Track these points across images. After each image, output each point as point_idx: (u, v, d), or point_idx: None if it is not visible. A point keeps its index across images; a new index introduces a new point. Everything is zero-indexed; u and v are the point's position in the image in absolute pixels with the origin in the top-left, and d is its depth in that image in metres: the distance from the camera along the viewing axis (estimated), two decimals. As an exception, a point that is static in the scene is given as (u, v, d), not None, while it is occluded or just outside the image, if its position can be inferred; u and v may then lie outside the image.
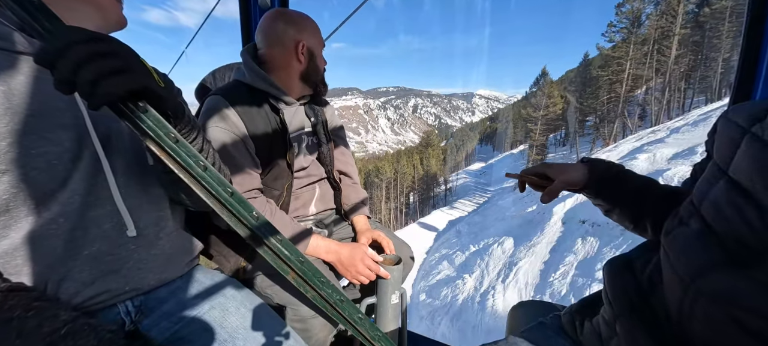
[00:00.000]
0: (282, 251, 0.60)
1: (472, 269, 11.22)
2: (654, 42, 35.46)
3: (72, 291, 0.58)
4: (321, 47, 1.13)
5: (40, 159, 0.54)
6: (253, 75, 1.03)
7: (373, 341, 0.71)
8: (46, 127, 0.55)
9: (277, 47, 1.05)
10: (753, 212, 0.41)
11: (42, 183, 0.55)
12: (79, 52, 0.40)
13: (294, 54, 1.05)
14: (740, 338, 0.39)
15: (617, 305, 0.53)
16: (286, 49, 1.04)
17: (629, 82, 36.77)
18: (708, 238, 0.45)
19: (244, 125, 0.98)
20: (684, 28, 34.81)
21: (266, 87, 1.03)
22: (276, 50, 1.05)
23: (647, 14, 36.18)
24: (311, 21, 1.10)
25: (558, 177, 0.69)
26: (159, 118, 0.48)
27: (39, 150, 0.54)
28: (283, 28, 1.04)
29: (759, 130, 0.45)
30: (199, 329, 0.68)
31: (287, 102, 1.08)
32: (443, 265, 13.59)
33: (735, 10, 33.03)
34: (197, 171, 0.52)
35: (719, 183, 0.48)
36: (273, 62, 1.06)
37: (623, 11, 38.13)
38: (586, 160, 0.73)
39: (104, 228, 0.62)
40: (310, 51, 1.08)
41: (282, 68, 1.06)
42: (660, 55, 35.96)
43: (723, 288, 0.41)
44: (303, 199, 1.18)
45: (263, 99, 1.04)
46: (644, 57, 36.31)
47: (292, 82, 1.09)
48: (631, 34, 36.86)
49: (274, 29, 1.04)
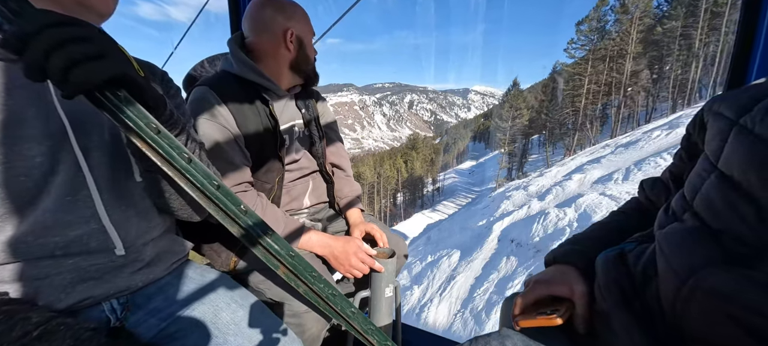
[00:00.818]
0: (272, 245, 0.59)
1: (422, 281, 11.29)
2: (609, 59, 36.89)
3: (52, 297, 0.55)
4: (311, 36, 1.10)
5: (6, 174, 0.50)
6: (240, 65, 1.00)
7: (366, 334, 0.70)
8: (14, 139, 0.50)
9: (265, 35, 1.02)
10: (748, 207, 0.40)
11: (9, 200, 0.50)
12: (51, 35, 0.38)
13: (283, 42, 1.02)
14: (736, 335, 0.39)
15: (610, 298, 0.52)
16: (275, 36, 1.02)
17: (589, 96, 38.43)
18: (703, 234, 0.45)
19: (232, 118, 0.95)
20: (638, 45, 36.28)
21: (255, 77, 1.00)
22: (264, 38, 1.02)
23: (606, 32, 37.59)
24: (300, 8, 1.07)
25: (570, 295, 0.59)
26: (139, 108, 0.46)
27: (4, 166, 0.49)
28: (272, 15, 1.01)
29: (748, 121, 0.44)
30: (189, 326, 0.67)
31: (277, 93, 1.06)
32: (403, 274, 13.66)
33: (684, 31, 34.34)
34: (181, 163, 0.50)
35: (711, 177, 0.47)
36: (261, 51, 1.03)
37: (582, 29, 39.49)
38: (554, 258, 0.67)
39: (90, 246, 0.58)
40: (299, 39, 1.05)
41: (270, 57, 1.04)
42: (616, 72, 37.45)
43: (720, 286, 0.40)
44: (295, 192, 1.16)
45: (252, 90, 1.01)
46: (600, 74, 37.88)
47: (282, 71, 1.06)
48: (589, 52, 38.68)
49: (262, 16, 1.01)
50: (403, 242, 1.26)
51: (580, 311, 0.56)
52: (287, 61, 1.06)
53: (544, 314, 0.55)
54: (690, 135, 0.61)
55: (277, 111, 1.05)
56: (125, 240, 0.62)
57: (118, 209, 0.62)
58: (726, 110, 0.50)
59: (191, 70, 1.22)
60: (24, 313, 0.47)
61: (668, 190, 0.66)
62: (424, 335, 1.49)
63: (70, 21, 0.40)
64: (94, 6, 0.56)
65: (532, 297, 0.62)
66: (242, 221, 0.56)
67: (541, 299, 0.62)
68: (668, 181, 0.66)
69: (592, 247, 0.63)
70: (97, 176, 0.59)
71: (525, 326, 0.57)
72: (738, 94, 0.51)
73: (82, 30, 0.41)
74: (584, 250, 0.63)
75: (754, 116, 0.44)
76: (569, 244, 0.67)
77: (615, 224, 0.68)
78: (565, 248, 0.66)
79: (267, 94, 1.02)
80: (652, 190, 0.69)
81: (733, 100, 0.50)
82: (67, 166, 0.55)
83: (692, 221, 0.48)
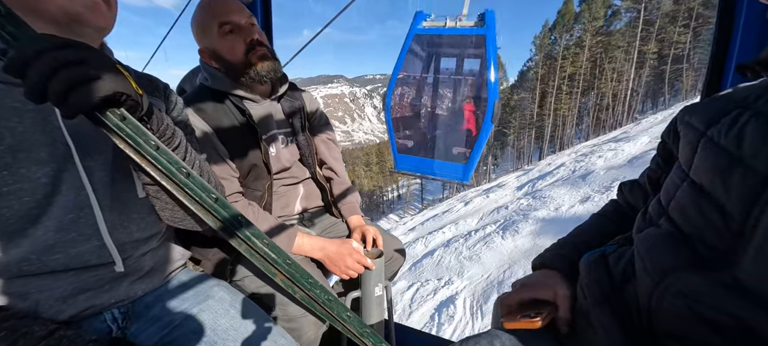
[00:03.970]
0: (269, 254, 0.60)
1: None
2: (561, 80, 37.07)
3: (54, 309, 0.56)
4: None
5: (12, 196, 0.51)
6: (212, 78, 1.01)
7: (362, 337, 0.73)
8: (21, 162, 0.51)
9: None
10: (715, 214, 0.44)
11: (12, 221, 0.51)
12: (50, 59, 0.39)
13: (211, 63, 1.01)
14: (703, 332, 0.42)
15: (591, 297, 0.56)
16: (206, 60, 1.02)
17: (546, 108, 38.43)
18: (676, 239, 0.48)
19: (213, 132, 0.96)
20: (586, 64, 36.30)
21: (226, 88, 1.00)
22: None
23: (556, 51, 37.65)
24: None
25: (553, 298, 0.61)
26: (138, 126, 0.47)
27: (11, 187, 0.50)
28: (195, 39, 1.02)
29: (714, 133, 0.47)
30: (188, 333, 0.68)
31: (254, 100, 1.05)
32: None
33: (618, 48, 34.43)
34: (180, 178, 0.51)
35: (683, 185, 0.50)
36: None
37: (536, 44, 39.53)
38: (541, 263, 0.69)
39: (90, 262, 0.59)
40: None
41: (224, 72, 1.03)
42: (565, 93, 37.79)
43: (689, 288, 0.43)
44: (287, 198, 1.17)
45: (228, 101, 1.01)
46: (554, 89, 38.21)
47: (242, 82, 1.02)
48: (537, 66, 38.75)
49: (195, 40, 1.02)
50: (398, 241, 1.28)
51: (562, 314, 0.60)
52: (227, 74, 1.01)
53: (528, 316, 0.59)
54: (665, 142, 0.65)
55: (257, 118, 1.04)
56: (124, 254, 0.63)
57: (120, 226, 0.63)
58: (696, 121, 0.53)
59: (180, 82, 1.21)
60: (27, 327, 0.48)
61: (646, 193, 0.69)
62: (416, 333, 1.53)
63: (68, 44, 0.41)
64: (89, 22, 0.56)
65: (517, 299, 0.66)
66: (240, 231, 0.57)
67: (527, 301, 0.65)
68: (646, 184, 0.70)
69: (575, 251, 0.67)
70: (99, 194, 0.59)
71: (509, 327, 0.60)
72: (707, 105, 0.54)
73: (80, 53, 0.41)
74: (567, 254, 0.67)
75: (720, 129, 0.47)
76: (554, 249, 0.70)
77: (596, 228, 0.72)
78: (551, 252, 0.70)
79: (242, 103, 1.01)
80: (630, 193, 0.73)
81: (703, 112, 0.53)
82: (70, 186, 0.56)
83: (667, 226, 0.51)
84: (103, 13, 0.57)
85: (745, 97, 0.49)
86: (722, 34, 0.97)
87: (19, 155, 0.51)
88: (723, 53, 0.98)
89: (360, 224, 1.19)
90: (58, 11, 0.52)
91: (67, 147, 0.56)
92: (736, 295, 0.40)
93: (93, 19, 0.56)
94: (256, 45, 0.97)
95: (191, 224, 0.73)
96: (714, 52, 1.00)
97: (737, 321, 0.40)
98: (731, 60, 0.96)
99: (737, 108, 0.48)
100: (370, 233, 1.15)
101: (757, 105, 0.46)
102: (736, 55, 0.94)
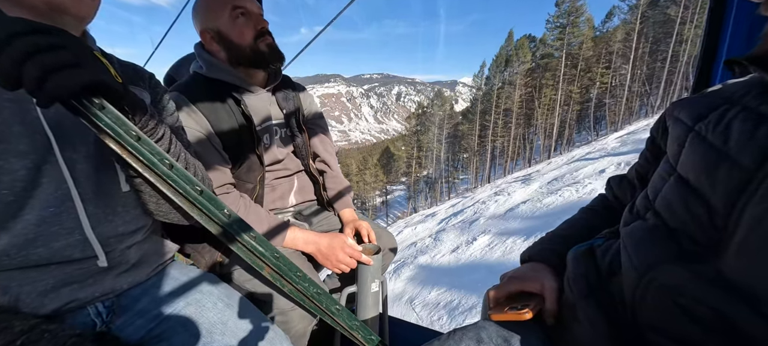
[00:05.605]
0: (256, 247, 0.60)
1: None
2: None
3: (36, 303, 0.55)
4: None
5: None
6: (208, 65, 0.99)
7: (352, 330, 0.73)
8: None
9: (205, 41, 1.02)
10: (700, 209, 0.44)
11: None
12: (23, 44, 0.37)
13: (213, 46, 1.00)
14: (684, 324, 0.43)
15: (577, 290, 0.56)
16: (206, 42, 1.01)
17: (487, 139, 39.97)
18: (662, 233, 0.48)
19: (206, 121, 0.95)
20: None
21: (223, 76, 0.99)
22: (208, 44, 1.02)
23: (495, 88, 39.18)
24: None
25: (541, 290, 0.61)
26: (118, 115, 0.46)
27: None
28: (195, 22, 1.01)
29: (702, 128, 0.48)
30: (175, 326, 0.68)
31: (249, 90, 1.04)
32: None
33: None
34: (162, 169, 0.50)
35: (670, 179, 0.50)
36: None
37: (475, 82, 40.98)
38: (529, 256, 0.69)
39: (73, 256, 0.58)
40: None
41: (223, 60, 1.02)
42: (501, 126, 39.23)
43: (672, 281, 0.44)
44: (279, 191, 1.16)
45: (223, 90, 0.99)
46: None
47: (239, 70, 1.02)
48: (479, 91, 40.64)
49: (194, 24, 1.01)
50: (392, 237, 1.28)
51: (549, 306, 0.60)
52: (229, 60, 1.01)
53: (515, 308, 0.59)
54: (654, 137, 0.65)
55: (251, 108, 1.03)
56: (108, 248, 0.62)
57: (104, 220, 0.62)
58: (684, 116, 0.53)
59: (170, 70, 1.19)
60: (7, 321, 0.47)
61: (634, 187, 0.70)
62: (410, 326, 1.54)
63: (43, 29, 0.40)
64: (68, 9, 0.54)
65: (505, 291, 0.66)
66: (226, 224, 0.57)
67: (514, 293, 0.65)
68: (634, 179, 0.70)
69: (563, 244, 0.67)
70: (81, 187, 0.58)
71: (496, 319, 0.60)
72: (696, 100, 0.54)
73: (56, 38, 0.40)
74: (555, 248, 0.67)
75: (708, 124, 0.47)
76: (542, 243, 0.71)
77: (584, 222, 0.72)
78: (539, 246, 0.70)
79: (238, 93, 1.00)
80: (618, 187, 0.73)
81: (691, 107, 0.53)
82: (51, 179, 0.55)
83: (653, 220, 0.51)
84: (84, 1, 0.55)
85: (733, 92, 0.49)
86: (713, 30, 0.97)
87: None
88: (713, 50, 0.98)
89: (353, 219, 1.19)
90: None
91: (46, 138, 0.54)
92: (718, 288, 0.40)
93: (74, 8, 0.54)
94: (266, 33, 1.01)
95: (177, 217, 0.72)
96: (704, 48, 1.00)
97: (718, 314, 0.40)
98: (721, 56, 0.96)
99: (725, 103, 0.48)
100: (364, 229, 1.14)
101: (744, 101, 0.46)
102: (725, 51, 0.95)
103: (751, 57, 0.45)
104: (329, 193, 1.26)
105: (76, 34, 0.57)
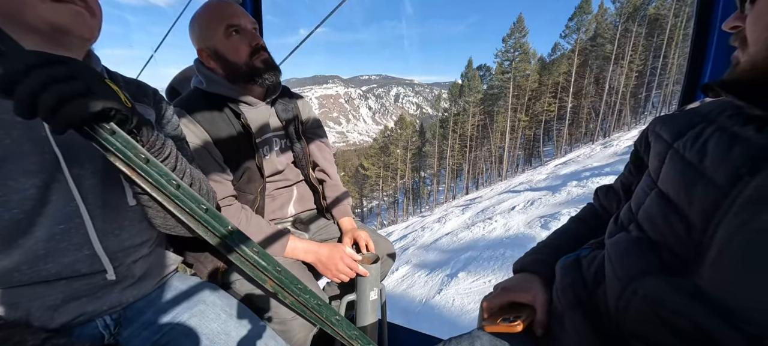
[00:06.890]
0: (259, 261, 0.62)
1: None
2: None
3: (46, 317, 0.57)
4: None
5: (0, 208, 0.51)
6: (207, 80, 1.02)
7: (351, 339, 0.74)
8: (9, 173, 0.52)
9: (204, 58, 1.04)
10: (679, 223, 0.46)
11: (2, 232, 0.52)
12: (39, 75, 0.39)
13: (210, 63, 1.03)
14: (663, 334, 0.45)
15: (565, 300, 0.58)
16: (204, 59, 1.03)
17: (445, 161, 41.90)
18: (644, 245, 0.51)
19: (207, 135, 0.97)
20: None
21: (222, 90, 1.01)
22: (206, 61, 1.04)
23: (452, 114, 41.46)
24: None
25: (532, 302, 0.64)
26: (127, 139, 0.48)
27: (0, 199, 0.51)
28: (192, 40, 1.03)
29: (680, 146, 0.50)
30: (180, 337, 0.69)
31: (248, 103, 1.06)
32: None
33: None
34: (170, 190, 0.52)
35: (652, 194, 0.53)
36: None
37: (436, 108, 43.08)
38: (521, 267, 0.71)
39: (81, 271, 0.60)
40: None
41: (221, 75, 1.05)
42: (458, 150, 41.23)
43: (653, 292, 0.46)
44: (280, 201, 1.18)
45: (223, 104, 1.02)
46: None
47: (237, 84, 1.05)
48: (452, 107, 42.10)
49: (192, 42, 1.04)
50: (389, 244, 1.30)
51: (540, 317, 0.62)
52: (226, 76, 1.04)
53: (508, 320, 0.61)
54: (637, 151, 0.68)
55: (251, 121, 1.05)
56: (115, 262, 0.64)
57: (111, 235, 0.64)
58: (664, 133, 0.56)
59: (173, 82, 1.21)
60: (19, 337, 0.49)
61: (619, 198, 0.72)
62: (408, 332, 1.56)
63: (56, 60, 0.42)
64: (71, 31, 0.56)
65: (498, 302, 0.68)
66: (230, 240, 0.58)
67: (507, 304, 0.68)
68: (619, 190, 0.73)
69: (553, 255, 0.69)
70: (89, 204, 0.60)
71: (489, 330, 0.63)
72: (677, 118, 0.57)
73: (69, 68, 0.42)
74: (546, 259, 0.70)
75: (686, 142, 0.50)
76: (534, 253, 0.73)
77: (573, 232, 0.75)
78: (530, 257, 0.72)
79: (237, 106, 1.03)
80: (605, 197, 0.76)
81: (672, 124, 0.56)
82: (60, 196, 0.57)
83: (636, 232, 0.54)
84: (87, 23, 0.57)
85: (709, 111, 0.52)
86: (697, 54, 1.01)
87: (6, 166, 0.51)
88: (697, 72, 1.02)
89: (352, 228, 1.21)
90: (41, 22, 0.52)
91: (55, 156, 0.56)
92: (697, 301, 0.42)
93: (77, 30, 0.56)
94: (261, 49, 1.02)
95: (183, 231, 0.74)
96: (688, 70, 1.04)
97: (697, 327, 0.42)
98: (704, 78, 1.01)
99: (703, 122, 0.51)
100: (362, 239, 1.16)
101: (719, 120, 0.49)
102: (708, 74, 0.99)
103: (724, 83, 0.47)
104: (328, 202, 1.28)
105: (80, 54, 0.59)
